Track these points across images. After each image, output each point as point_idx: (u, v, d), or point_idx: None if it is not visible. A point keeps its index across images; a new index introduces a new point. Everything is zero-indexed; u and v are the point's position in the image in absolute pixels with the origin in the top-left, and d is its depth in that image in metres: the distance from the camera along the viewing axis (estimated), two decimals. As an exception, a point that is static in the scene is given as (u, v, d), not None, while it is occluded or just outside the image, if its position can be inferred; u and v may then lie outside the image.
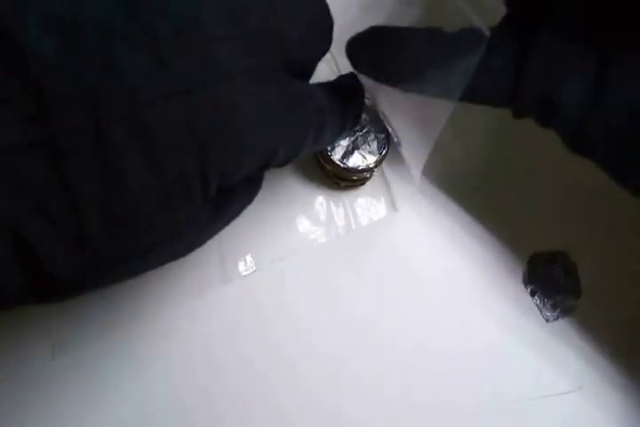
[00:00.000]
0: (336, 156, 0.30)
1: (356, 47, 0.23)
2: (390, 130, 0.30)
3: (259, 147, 0.19)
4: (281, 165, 0.22)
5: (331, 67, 0.31)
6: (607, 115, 0.20)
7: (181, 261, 0.31)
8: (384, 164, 0.32)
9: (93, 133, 0.15)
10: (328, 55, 0.31)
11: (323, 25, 0.21)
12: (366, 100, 0.30)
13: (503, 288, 0.33)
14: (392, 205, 0.33)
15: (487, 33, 0.20)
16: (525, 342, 0.32)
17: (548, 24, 0.21)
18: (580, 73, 0.21)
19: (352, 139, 0.30)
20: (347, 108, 0.25)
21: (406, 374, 0.32)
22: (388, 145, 0.30)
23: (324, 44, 0.22)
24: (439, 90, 0.22)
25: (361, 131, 0.30)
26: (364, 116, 0.30)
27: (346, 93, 0.25)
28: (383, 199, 0.33)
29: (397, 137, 0.30)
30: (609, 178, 0.23)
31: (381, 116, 0.30)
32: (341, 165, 0.30)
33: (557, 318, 0.33)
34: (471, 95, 0.22)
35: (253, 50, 0.18)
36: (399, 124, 0.30)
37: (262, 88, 0.19)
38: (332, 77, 0.30)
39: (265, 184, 0.32)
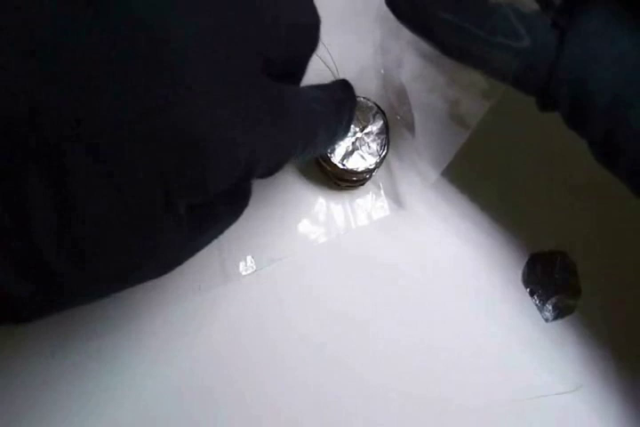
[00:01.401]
0: (336, 157, 0.30)
1: None
2: (406, 123, 0.30)
3: (233, 162, 0.18)
4: (266, 175, 0.21)
5: (330, 69, 0.32)
6: None
7: (182, 261, 0.32)
8: (384, 164, 0.32)
9: (47, 160, 0.15)
10: (328, 57, 0.31)
11: (308, 23, 0.20)
12: (362, 99, 0.30)
13: (502, 288, 0.33)
14: (392, 206, 0.33)
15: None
16: (524, 341, 0.32)
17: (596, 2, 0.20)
18: (622, 63, 0.19)
19: (352, 140, 0.30)
20: (340, 111, 0.24)
21: (406, 374, 0.32)
22: (387, 146, 0.30)
23: (310, 44, 0.21)
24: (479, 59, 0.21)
25: (361, 132, 0.30)
26: (364, 116, 0.30)
27: (339, 95, 0.24)
28: (383, 199, 0.33)
29: (414, 132, 0.30)
30: (608, 177, 0.22)
31: (398, 110, 0.30)
32: (341, 166, 0.30)
33: (556, 317, 0.33)
34: (506, 77, 0.21)
35: (228, 54, 0.17)
36: (424, 124, 0.30)
37: (237, 98, 0.17)
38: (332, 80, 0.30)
39: (265, 184, 0.33)
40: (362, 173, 0.30)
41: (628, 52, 0.19)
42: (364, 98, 0.30)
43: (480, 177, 0.33)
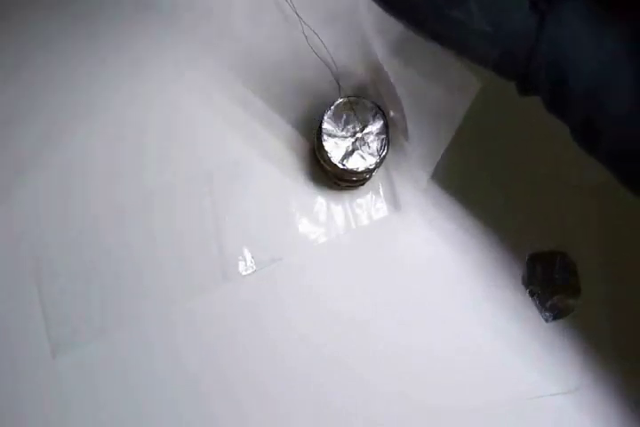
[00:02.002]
0: (336, 157, 0.30)
1: None
2: (401, 127, 0.30)
3: None
4: None
5: (329, 67, 0.32)
6: (620, 102, 0.19)
7: (182, 260, 0.32)
8: (384, 164, 0.32)
9: None
10: (327, 56, 0.31)
11: None
12: (362, 100, 0.30)
13: (502, 288, 0.33)
14: (392, 205, 0.33)
15: None
16: (524, 342, 0.32)
17: None
18: (601, 53, 0.19)
19: (352, 140, 0.30)
20: None
21: (405, 374, 0.32)
22: (387, 146, 0.30)
23: None
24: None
25: (361, 132, 0.30)
26: (364, 116, 0.30)
27: None
28: (383, 199, 0.33)
29: (407, 136, 0.30)
30: (608, 177, 0.22)
31: (394, 115, 0.30)
32: (341, 166, 0.30)
33: (556, 317, 0.33)
34: (487, 61, 0.21)
35: None
36: (412, 124, 0.30)
37: None
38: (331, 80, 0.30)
39: (265, 184, 0.33)
40: (362, 172, 0.30)
41: (607, 42, 0.20)
42: (363, 98, 0.30)
43: (481, 178, 0.33)
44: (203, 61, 0.33)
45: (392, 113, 0.32)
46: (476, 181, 0.33)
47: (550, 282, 0.33)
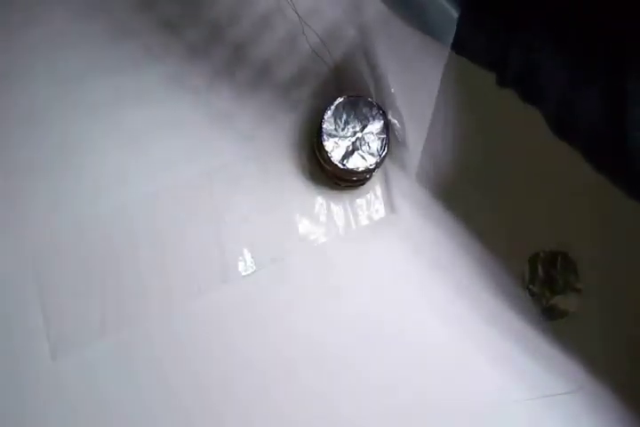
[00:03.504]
0: (336, 157, 0.30)
1: None
2: (397, 123, 0.30)
3: None
4: None
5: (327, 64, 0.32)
6: (585, 101, 0.21)
7: (181, 261, 0.32)
8: (384, 163, 0.32)
9: None
10: (326, 53, 0.31)
11: None
12: (362, 99, 0.30)
13: (503, 288, 0.33)
14: (392, 205, 0.33)
15: None
16: (525, 342, 0.32)
17: None
18: (559, 58, 0.21)
19: (352, 140, 0.30)
20: None
21: (405, 374, 0.32)
22: (388, 146, 0.30)
23: None
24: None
25: (361, 131, 0.30)
26: (364, 115, 0.30)
27: None
28: (383, 199, 0.33)
29: (404, 134, 0.30)
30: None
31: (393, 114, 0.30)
32: (341, 166, 0.30)
33: (556, 318, 0.33)
34: (465, 51, 0.22)
35: None
36: (412, 123, 0.30)
37: None
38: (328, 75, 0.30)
39: (265, 184, 0.33)
40: (362, 172, 0.30)
41: (572, 66, 0.21)
42: (364, 97, 0.30)
43: (481, 177, 0.33)
44: (200, 59, 0.33)
45: (392, 112, 0.32)
46: (477, 180, 0.33)
47: (552, 282, 0.33)
